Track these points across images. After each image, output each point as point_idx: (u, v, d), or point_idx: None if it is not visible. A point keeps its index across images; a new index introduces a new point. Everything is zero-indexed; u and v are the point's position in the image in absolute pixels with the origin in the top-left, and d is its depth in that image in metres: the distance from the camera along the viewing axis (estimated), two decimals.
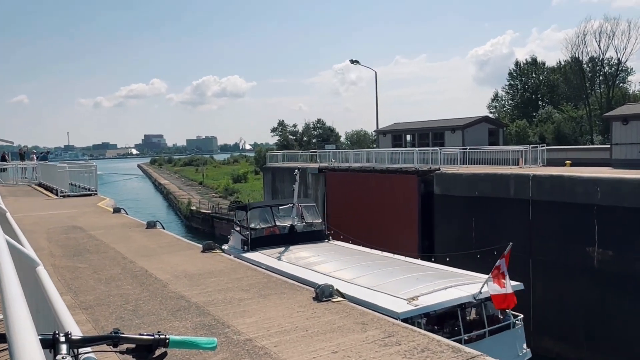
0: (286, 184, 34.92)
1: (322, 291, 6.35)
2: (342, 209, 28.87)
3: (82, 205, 17.69)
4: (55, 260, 8.78)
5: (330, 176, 30.38)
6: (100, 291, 6.91)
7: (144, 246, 10.09)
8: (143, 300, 6.48)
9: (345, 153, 32.90)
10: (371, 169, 27.31)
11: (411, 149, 26.99)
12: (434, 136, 31.47)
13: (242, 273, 7.90)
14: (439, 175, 22.17)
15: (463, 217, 20.85)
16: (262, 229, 18.53)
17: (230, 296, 6.64)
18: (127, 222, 13.53)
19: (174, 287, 7.10)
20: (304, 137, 74.37)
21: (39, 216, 14.76)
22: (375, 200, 26.14)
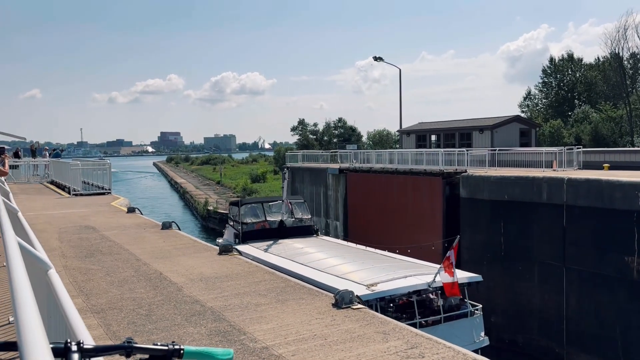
0: (306, 184, 35.01)
1: (342, 297, 6.32)
2: (362, 211, 28.79)
3: (95, 204, 17.97)
4: (67, 261, 8.92)
5: (351, 177, 30.34)
6: (113, 294, 6.99)
7: (159, 248, 10.19)
8: (157, 304, 6.53)
9: (367, 153, 32.81)
10: (394, 170, 27.18)
11: (436, 150, 26.76)
12: (460, 137, 31.14)
13: (259, 277, 7.92)
14: (465, 178, 21.97)
15: (491, 223, 20.59)
16: (253, 224, 20.50)
17: (247, 301, 6.65)
18: (142, 222, 13.69)
19: (189, 291, 7.14)
20: (324, 137, 74.42)
21: (51, 215, 15.04)
22: (397, 202, 26.02)
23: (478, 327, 14.61)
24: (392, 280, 13.68)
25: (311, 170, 34.94)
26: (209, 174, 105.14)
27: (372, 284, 13.40)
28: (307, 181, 35.24)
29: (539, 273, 18.77)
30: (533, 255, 19.10)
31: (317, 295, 6.89)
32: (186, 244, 10.62)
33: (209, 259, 9.17)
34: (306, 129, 75.86)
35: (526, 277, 19.37)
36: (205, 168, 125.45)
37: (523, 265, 19.49)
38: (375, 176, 28.27)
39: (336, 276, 13.90)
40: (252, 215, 21.10)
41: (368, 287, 13.22)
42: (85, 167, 23.01)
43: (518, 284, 19.60)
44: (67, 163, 23.56)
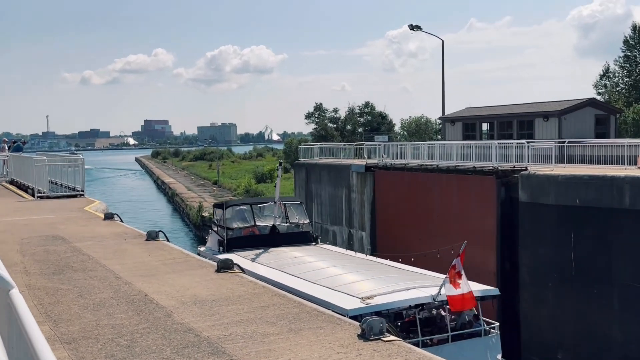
0: (324, 185, 35.07)
1: (370, 327, 6.30)
2: (394, 218, 28.73)
3: (65, 209, 18.19)
4: (31, 279, 9.04)
5: (380, 176, 30.30)
6: (87, 320, 7.05)
7: (143, 263, 10.27)
8: (141, 333, 6.57)
9: (400, 147, 32.75)
10: (434, 168, 27.08)
11: (489, 142, 26.59)
12: (519, 125, 30.90)
13: (267, 300, 7.93)
14: (526, 177, 21.80)
15: (559, 233, 20.41)
16: (240, 229, 21.29)
17: (252, 330, 6.66)
18: (122, 231, 13.81)
19: (181, 316, 7.18)
20: (347, 126, 74.42)
21: (10, 222, 15.26)
22: (438, 208, 25.92)
23: (493, 349, 15.13)
24: (392, 293, 14.39)
25: (330, 168, 35.00)
26: (204, 172, 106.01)
27: (367, 297, 14.04)
28: (325, 181, 35.31)
29: (620, 298, 18.59)
30: (612, 275, 18.86)
31: (339, 323, 6.88)
32: (176, 259, 10.69)
33: (204, 278, 9.21)
34: (324, 116, 75.94)
35: (603, 302, 19.11)
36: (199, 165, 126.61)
37: (600, 287, 19.25)
38: (410, 175, 28.19)
39: (328, 288, 14.76)
40: (239, 219, 21.73)
41: (363, 299, 13.86)
42: (52, 163, 23.33)
43: (593, 311, 19.38)
44: (31, 158, 23.90)
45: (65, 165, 23.43)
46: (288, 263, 18.08)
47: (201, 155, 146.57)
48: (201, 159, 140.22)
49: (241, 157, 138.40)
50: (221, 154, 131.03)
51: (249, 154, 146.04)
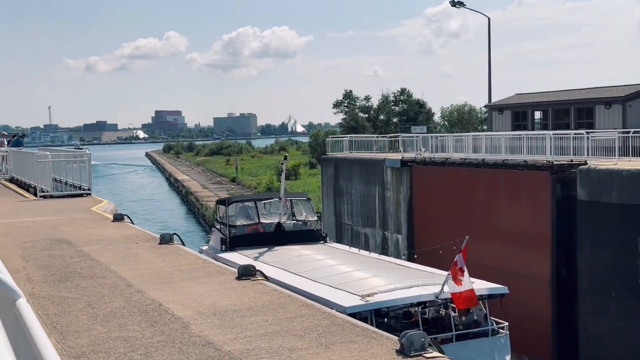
0: (355, 182, 35.06)
1: (410, 342, 6.27)
2: (434, 220, 28.59)
3: (70, 209, 18.44)
4: (35, 287, 9.20)
5: (418, 172, 30.18)
6: (97, 332, 7.15)
7: (157, 269, 10.37)
8: (155, 346, 6.64)
9: (441, 138, 32.54)
10: (480, 162, 26.88)
11: (542, 133, 26.35)
12: (577, 113, 30.51)
13: (294, 311, 7.95)
14: (585, 173, 21.57)
15: (623, 236, 20.18)
16: (243, 227, 22.35)
17: (277, 344, 6.68)
18: (133, 234, 13.95)
19: (199, 328, 7.24)
20: (380, 115, 74.22)
21: (11, 224, 15.51)
22: (484, 207, 25.72)
23: (502, 349, 16.18)
24: (393, 291, 15.47)
25: (362, 163, 34.97)
26: (221, 168, 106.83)
27: (367, 294, 15.06)
28: (355, 177, 35.30)
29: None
30: None
31: (375, 337, 6.86)
32: (193, 265, 10.78)
33: (224, 286, 9.27)
34: (354, 105, 75.84)
35: None
36: (215, 160, 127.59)
37: None
38: (452, 171, 28.04)
39: (330, 286, 15.77)
40: (242, 216, 22.78)
41: (362, 297, 14.91)
42: (56, 159, 23.68)
43: None
44: (32, 154, 24.31)
45: (70, 162, 23.77)
46: (292, 261, 19.01)
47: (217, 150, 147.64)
48: (217, 154, 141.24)
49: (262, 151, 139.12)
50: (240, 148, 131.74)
51: (270, 148, 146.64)
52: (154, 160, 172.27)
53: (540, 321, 23.15)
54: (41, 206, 19.53)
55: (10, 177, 28.92)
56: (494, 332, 16.33)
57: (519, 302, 23.97)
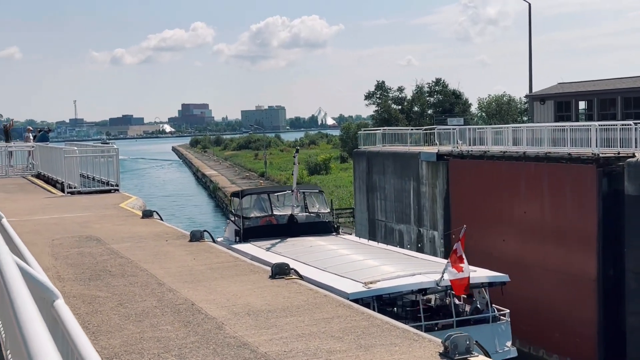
0: (388, 176, 34.94)
1: (455, 345, 6.21)
2: (472, 216, 28.34)
3: (99, 206, 18.70)
4: (65, 285, 9.32)
5: (455, 165, 29.96)
6: (129, 332, 7.22)
7: (188, 268, 10.45)
8: (189, 347, 6.68)
9: (479, 131, 32.22)
10: (520, 156, 26.59)
11: (587, 124, 25.95)
12: (624, 103, 29.98)
13: (331, 311, 7.94)
14: (634, 166, 21.26)
15: None
16: (257, 219, 23.88)
17: (315, 346, 6.67)
18: (162, 231, 14.09)
19: (233, 329, 7.26)
20: (414, 107, 73.80)
21: (40, 222, 15.77)
22: (525, 202, 25.45)
23: (502, 335, 17.40)
24: (396, 278, 16.75)
25: (396, 156, 34.83)
26: (249, 163, 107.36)
27: (370, 282, 16.28)
28: (389, 172, 35.17)
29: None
30: None
31: (416, 340, 6.81)
32: (224, 263, 10.83)
33: (257, 285, 9.29)
34: (387, 97, 75.53)
35: None
36: (243, 154, 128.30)
37: None
38: (491, 164, 27.78)
39: (335, 274, 16.90)
40: (256, 208, 24.32)
41: (365, 284, 16.12)
42: (84, 154, 23.99)
43: None
44: (60, 149, 24.65)
45: (97, 157, 24.06)
46: (302, 252, 20.28)
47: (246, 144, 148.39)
48: (246, 148, 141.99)
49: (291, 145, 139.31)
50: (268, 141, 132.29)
51: (300, 142, 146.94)
52: (181, 154, 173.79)
53: (585, 322, 22.87)
54: (69, 202, 19.81)
55: (37, 172, 29.38)
56: (495, 319, 17.56)
57: (562, 301, 23.71)
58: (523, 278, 25.42)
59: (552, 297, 24.20)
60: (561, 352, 24.18)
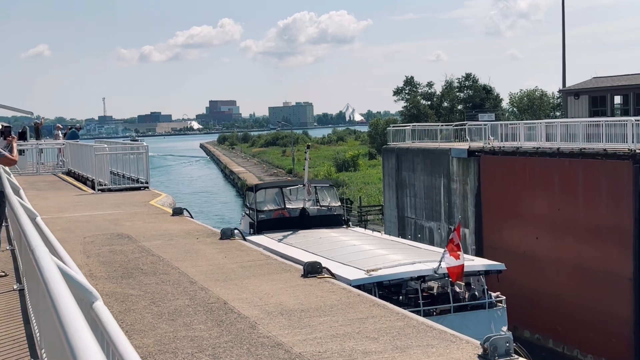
0: (418, 173, 34.75)
1: (494, 347, 6.12)
2: (504, 213, 28.08)
3: (129, 203, 18.86)
4: (97, 283, 9.37)
5: (486, 162, 29.70)
6: (162, 331, 7.23)
7: (219, 266, 10.47)
8: (223, 347, 6.67)
9: (511, 126, 31.88)
10: (554, 152, 26.26)
11: (623, 119, 25.53)
12: None
13: (365, 311, 7.88)
14: None
15: None
16: (270, 212, 25.11)
17: (350, 346, 6.62)
18: (193, 229, 14.16)
19: (267, 328, 7.24)
20: (444, 102, 73.40)
21: (71, 219, 15.95)
22: (559, 199, 25.15)
23: (499, 321, 18.25)
24: (396, 266, 17.82)
25: (426, 153, 34.62)
26: (277, 160, 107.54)
27: (372, 269, 17.23)
28: (419, 169, 34.98)
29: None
30: None
31: (454, 341, 6.71)
32: (255, 261, 10.83)
33: (289, 283, 9.27)
34: (416, 92, 75.17)
35: None
36: (271, 151, 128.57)
37: None
38: (524, 161, 27.50)
39: (340, 262, 17.72)
40: (269, 202, 25.53)
41: (367, 272, 17.05)
42: (114, 152, 24.21)
43: None
44: (90, 147, 24.90)
45: (127, 154, 24.26)
46: (312, 243, 21.55)
47: (273, 140, 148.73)
48: (273, 145, 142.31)
49: (319, 142, 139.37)
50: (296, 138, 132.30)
51: (327, 138, 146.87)
52: (209, 151, 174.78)
53: (620, 321, 22.55)
54: (99, 200, 19.99)
55: (67, 170, 29.72)
56: (492, 305, 18.48)
57: (596, 300, 23.38)
58: (556, 276, 25.14)
59: (586, 296, 23.89)
60: (596, 352, 23.85)
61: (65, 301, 2.04)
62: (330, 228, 24.10)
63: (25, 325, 7.23)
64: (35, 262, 3.17)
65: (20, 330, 7.09)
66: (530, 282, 26.26)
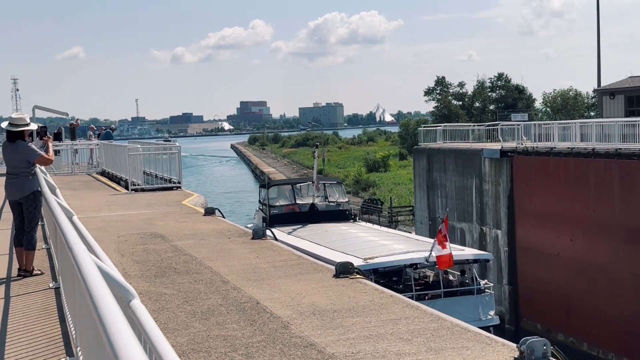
0: (449, 174, 34.52)
1: (531, 350, 6.02)
2: (538, 214, 27.75)
3: (161, 203, 19.01)
4: (132, 282, 9.42)
5: (519, 162, 29.39)
6: (196, 330, 7.26)
7: (251, 265, 10.49)
8: (256, 347, 6.67)
9: (544, 126, 31.51)
10: (589, 152, 25.89)
11: None
12: None
13: (397, 312, 7.83)
14: None
15: None
16: (281, 207, 27.21)
17: (383, 348, 6.58)
18: (224, 228, 14.23)
19: (299, 328, 7.23)
20: (475, 103, 72.85)
21: (105, 218, 16.13)
22: (594, 201, 24.78)
23: (487, 305, 20.32)
24: (392, 255, 20.05)
25: (457, 153, 34.37)
26: (307, 160, 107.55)
27: (369, 257, 19.37)
28: (450, 169, 34.74)
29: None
30: None
31: (489, 343, 6.63)
32: (288, 261, 10.83)
33: (321, 284, 9.25)
34: (447, 92, 74.73)
35: None
36: (301, 151, 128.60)
37: None
38: (558, 161, 27.17)
39: (341, 252, 19.07)
40: (281, 197, 27.66)
41: (365, 259, 18.90)
42: (147, 152, 24.42)
43: None
44: (124, 147, 25.16)
45: (160, 154, 24.47)
46: (318, 235, 23.47)
47: (303, 141, 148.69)
48: (303, 145, 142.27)
49: (349, 142, 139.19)
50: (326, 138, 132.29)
51: (358, 139, 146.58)
52: (239, 152, 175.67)
53: None
54: (133, 200, 20.18)
55: (101, 170, 30.08)
56: (480, 291, 20.43)
57: (633, 304, 22.98)
58: (591, 278, 24.77)
59: (621, 299, 23.50)
60: (632, 356, 23.45)
61: (105, 299, 2.04)
62: (338, 222, 26.01)
63: (61, 323, 7.30)
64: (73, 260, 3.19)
65: (56, 328, 7.17)
66: (564, 284, 25.94)
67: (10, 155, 10.01)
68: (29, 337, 6.94)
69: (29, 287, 9.23)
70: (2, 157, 10.55)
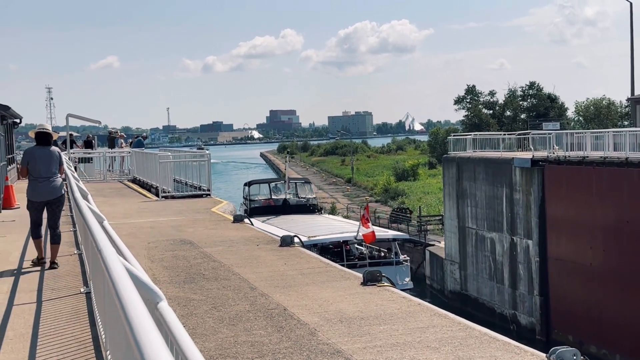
0: (480, 183, 34.27)
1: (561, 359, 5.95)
2: (570, 224, 27.39)
3: (191, 210, 19.17)
4: (161, 288, 9.33)
5: (551, 172, 29.06)
6: (224, 336, 7.31)
7: (279, 272, 10.54)
8: (283, 353, 6.69)
9: (577, 135, 31.14)
10: (622, 162, 25.50)
11: None
12: None
13: (425, 320, 7.80)
14: None
15: None
16: (259, 201, 35.84)
17: (410, 356, 6.57)
18: (253, 235, 14.31)
19: (326, 335, 7.24)
20: (506, 111, 72.38)
21: (136, 225, 16.32)
22: (628, 212, 24.39)
23: (403, 274, 29.76)
24: (329, 234, 29.05)
25: (487, 162, 34.10)
26: (336, 169, 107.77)
27: (312, 236, 27.71)
28: (481, 178, 34.47)
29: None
30: None
31: (518, 353, 6.57)
32: (315, 269, 10.85)
33: (348, 291, 9.25)
34: (478, 101, 74.40)
35: None
36: (330, 160, 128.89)
37: None
38: (590, 171, 26.79)
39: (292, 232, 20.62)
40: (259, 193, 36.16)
41: (308, 238, 26.42)
42: (177, 159, 24.66)
43: None
44: (155, 155, 25.45)
45: (190, 161, 24.70)
46: (285, 222, 30.95)
47: (332, 150, 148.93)
48: (332, 154, 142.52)
49: (378, 151, 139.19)
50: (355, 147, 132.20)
51: (387, 147, 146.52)
52: (269, 160, 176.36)
53: None
54: (163, 207, 20.39)
55: (132, 177, 30.43)
56: (398, 262, 29.92)
57: None
58: (624, 290, 24.38)
59: None
60: None
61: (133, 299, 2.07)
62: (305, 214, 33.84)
63: (91, 327, 7.40)
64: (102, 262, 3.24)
65: (86, 333, 7.26)
66: (597, 295, 25.55)
67: (44, 160, 10.74)
68: (59, 340, 7.05)
69: (61, 291, 9.38)
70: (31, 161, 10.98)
